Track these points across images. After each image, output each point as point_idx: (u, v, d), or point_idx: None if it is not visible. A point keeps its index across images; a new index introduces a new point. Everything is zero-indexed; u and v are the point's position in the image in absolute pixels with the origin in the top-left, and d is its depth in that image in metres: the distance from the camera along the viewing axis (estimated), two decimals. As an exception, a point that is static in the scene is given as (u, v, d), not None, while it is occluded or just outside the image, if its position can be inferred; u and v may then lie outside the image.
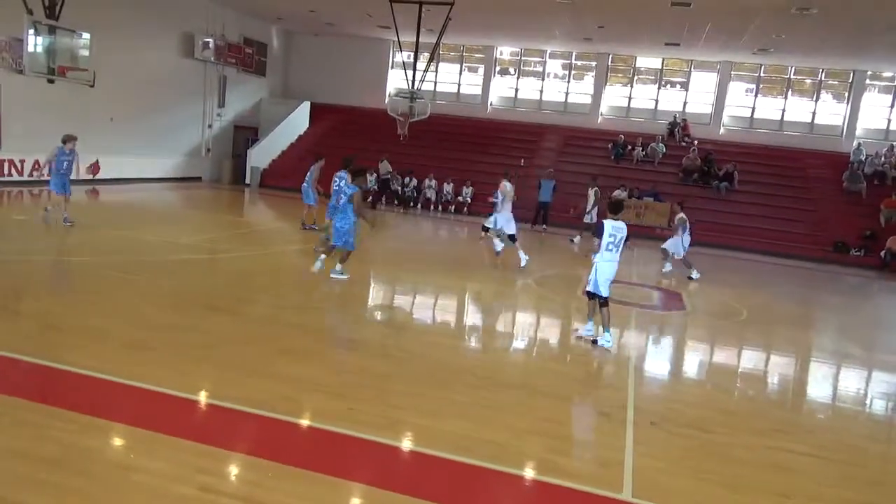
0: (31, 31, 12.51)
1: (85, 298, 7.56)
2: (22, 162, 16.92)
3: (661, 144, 24.00)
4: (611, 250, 7.32)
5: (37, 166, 17.69)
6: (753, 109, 25.13)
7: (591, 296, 7.53)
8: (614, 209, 7.56)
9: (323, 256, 9.46)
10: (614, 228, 7.29)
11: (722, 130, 25.16)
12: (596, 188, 17.30)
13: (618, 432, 5.09)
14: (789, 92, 24.89)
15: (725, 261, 17.66)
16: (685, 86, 25.81)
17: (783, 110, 24.82)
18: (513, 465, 4.39)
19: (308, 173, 14.07)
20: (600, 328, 7.45)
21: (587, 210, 17.19)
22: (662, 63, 25.80)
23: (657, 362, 7.80)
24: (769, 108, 25.11)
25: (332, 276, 9.34)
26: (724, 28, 19.23)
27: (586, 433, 5.03)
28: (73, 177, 11.80)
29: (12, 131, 15.83)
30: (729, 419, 5.70)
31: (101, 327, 6.47)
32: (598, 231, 7.59)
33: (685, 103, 25.66)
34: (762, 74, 24.88)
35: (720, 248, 19.21)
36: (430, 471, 4.33)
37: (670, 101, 25.91)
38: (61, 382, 5.08)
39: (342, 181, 9.91)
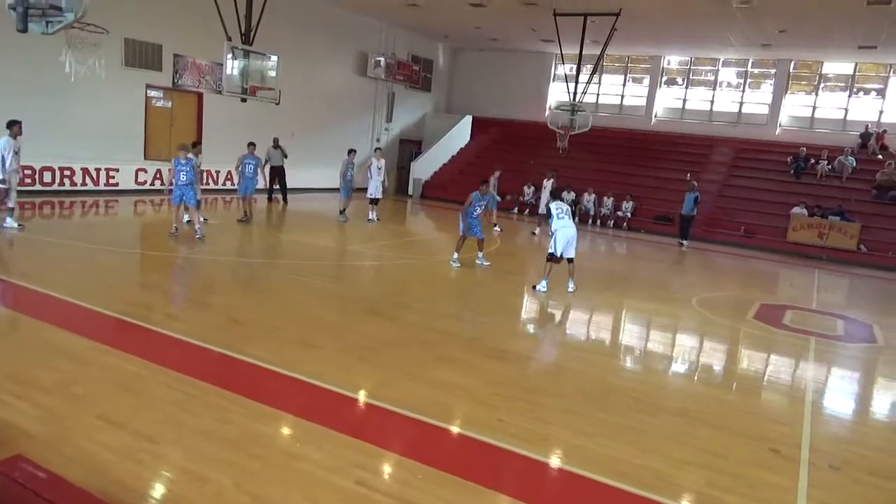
0: (230, 56, 13.96)
1: (263, 296, 8.30)
2: (217, 172, 18.97)
3: (850, 158, 21.61)
4: (562, 218, 9.69)
5: (230, 176, 19.76)
6: (969, 118, 21.92)
7: (552, 257, 9.72)
8: (555, 195, 10.89)
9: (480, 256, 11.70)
10: (557, 206, 9.82)
11: (927, 142, 22.19)
12: (552, 179, 16.81)
13: (789, 472, 4.64)
14: None
15: (928, 290, 15.51)
16: (882, 93, 23.11)
17: None
18: (669, 495, 4.15)
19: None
20: (570, 281, 9.98)
21: (545, 201, 16.46)
22: (855, 68, 23.31)
23: (839, 400, 7.02)
24: None
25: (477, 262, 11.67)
26: (934, 27, 17.01)
27: (752, 470, 4.63)
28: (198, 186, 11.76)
29: (210, 145, 17.78)
30: (928, 471, 4.98)
31: (275, 324, 7.08)
32: (548, 214, 9.97)
33: (881, 112, 22.96)
34: (982, 78, 21.67)
35: (922, 276, 16.94)
36: (580, 491, 4.22)
37: (863, 109, 23.32)
38: (241, 371, 5.62)
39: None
